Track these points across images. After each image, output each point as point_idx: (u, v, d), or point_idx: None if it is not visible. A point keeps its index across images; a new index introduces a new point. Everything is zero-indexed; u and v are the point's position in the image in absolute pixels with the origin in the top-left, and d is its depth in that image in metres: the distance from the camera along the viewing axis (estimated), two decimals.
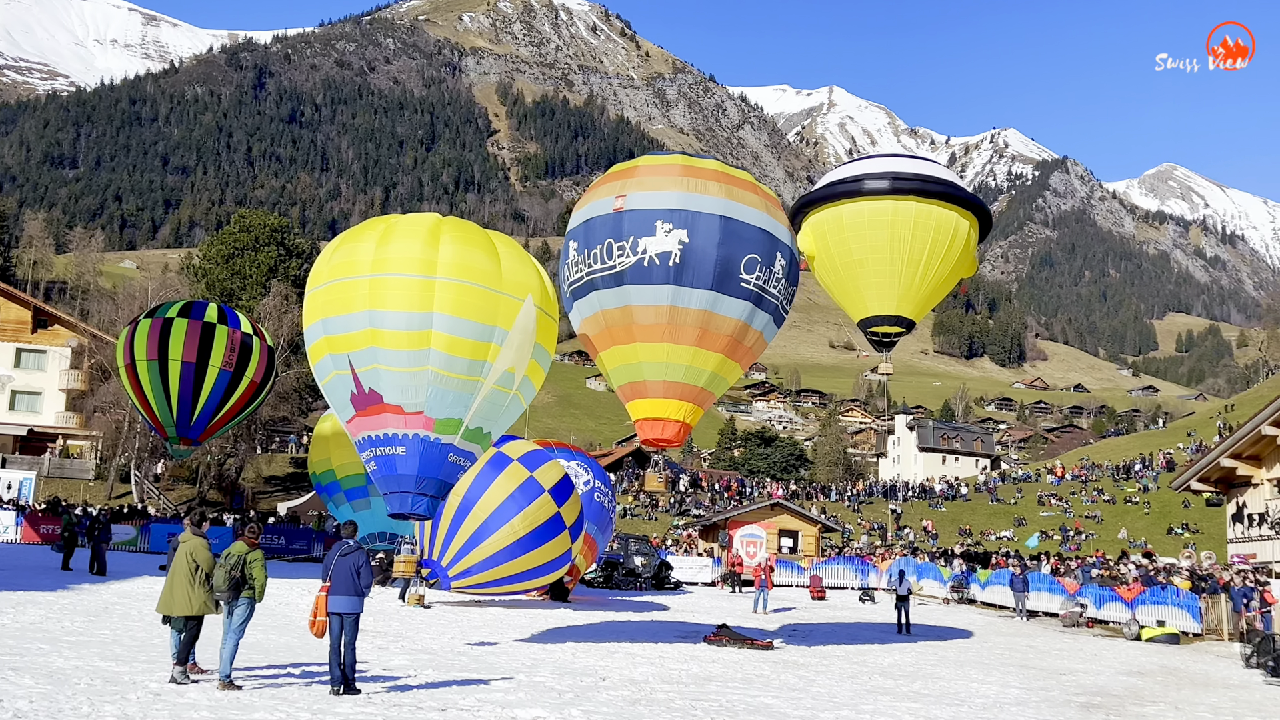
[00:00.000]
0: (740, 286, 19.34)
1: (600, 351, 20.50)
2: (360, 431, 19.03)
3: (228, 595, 13.08)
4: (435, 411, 18.38)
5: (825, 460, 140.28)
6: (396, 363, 18.08)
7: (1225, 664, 25.42)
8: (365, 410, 18.66)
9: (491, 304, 18.52)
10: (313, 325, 19.22)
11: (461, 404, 18.57)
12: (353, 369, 18.41)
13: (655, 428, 19.99)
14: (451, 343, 18.08)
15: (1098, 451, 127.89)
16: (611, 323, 19.68)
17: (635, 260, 19.02)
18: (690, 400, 20.01)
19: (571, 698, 13.86)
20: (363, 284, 18.26)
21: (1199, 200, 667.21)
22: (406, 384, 18.17)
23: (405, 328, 17.96)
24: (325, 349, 18.87)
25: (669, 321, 19.18)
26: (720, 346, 19.69)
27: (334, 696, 12.76)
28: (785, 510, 49.33)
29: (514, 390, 19.38)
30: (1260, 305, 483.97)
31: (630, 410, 20.48)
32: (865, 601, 39.09)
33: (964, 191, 27.39)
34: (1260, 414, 41.49)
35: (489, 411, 19.08)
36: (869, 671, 20.43)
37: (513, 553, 27.01)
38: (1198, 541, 71.95)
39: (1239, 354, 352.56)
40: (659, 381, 19.71)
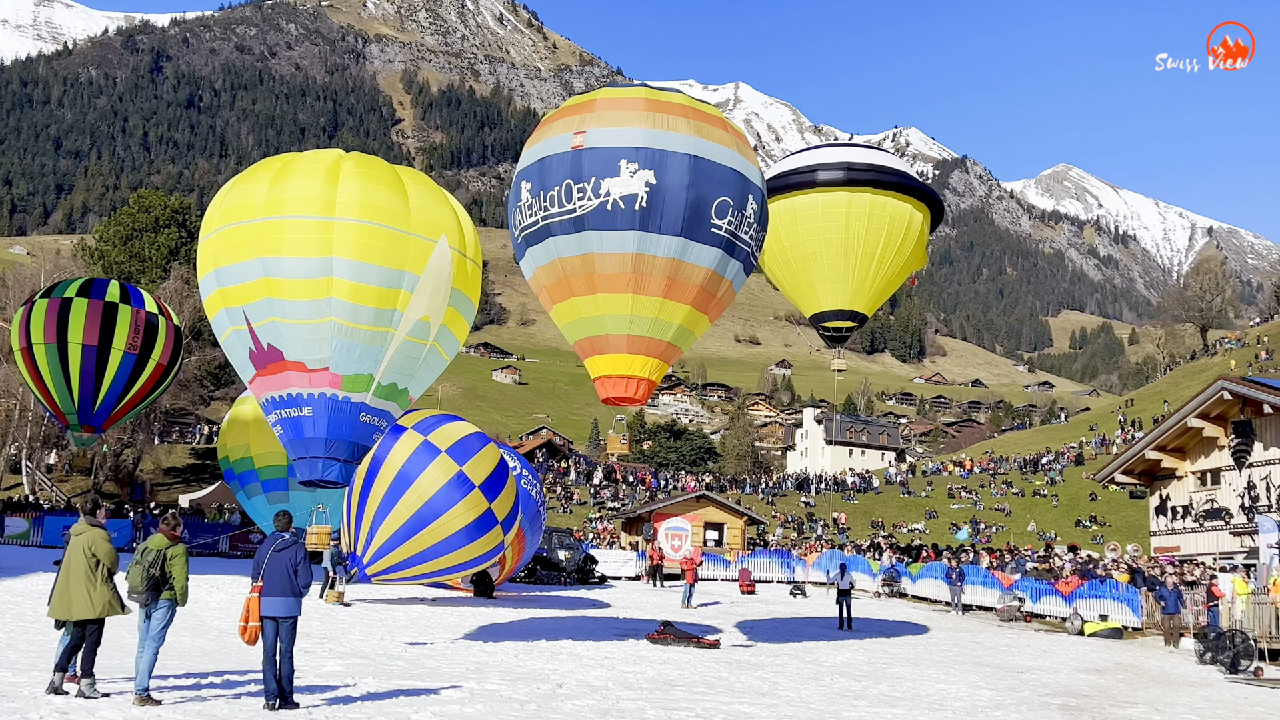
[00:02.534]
0: (711, 232, 17.72)
1: (556, 303, 18.82)
2: (263, 392, 17.19)
3: (145, 597, 11.36)
4: (341, 367, 16.59)
5: (734, 453, 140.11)
6: (295, 315, 16.25)
7: (1178, 660, 24.87)
8: (266, 369, 16.83)
9: (399, 246, 16.71)
10: (206, 277, 17.31)
11: (371, 358, 16.78)
12: (249, 324, 16.59)
13: (618, 385, 18.41)
14: (355, 290, 16.27)
15: (1001, 445, 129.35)
16: (570, 272, 18.01)
17: (597, 203, 17.33)
18: (656, 355, 18.44)
19: (535, 709, 12.45)
20: (255, 228, 16.42)
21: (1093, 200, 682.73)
22: (307, 338, 16.37)
23: (303, 275, 16.16)
24: (220, 303, 16.98)
25: (634, 270, 17.55)
26: (689, 297, 18.10)
27: (269, 712, 11.17)
28: (711, 503, 48.18)
29: (430, 341, 17.55)
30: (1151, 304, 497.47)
31: (590, 367, 18.88)
32: (796, 595, 38.13)
33: (917, 182, 26.53)
34: (1186, 406, 41.50)
35: (404, 366, 17.31)
36: (827, 671, 19.36)
37: (439, 551, 25.23)
38: (1106, 534, 72.71)
39: (1130, 351, 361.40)
40: (622, 335, 18.11)
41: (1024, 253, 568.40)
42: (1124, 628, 29.57)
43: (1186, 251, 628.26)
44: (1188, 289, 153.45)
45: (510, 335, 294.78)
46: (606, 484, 79.30)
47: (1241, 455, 38.37)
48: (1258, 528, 35.83)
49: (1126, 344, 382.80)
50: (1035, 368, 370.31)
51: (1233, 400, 38.22)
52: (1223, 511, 39.46)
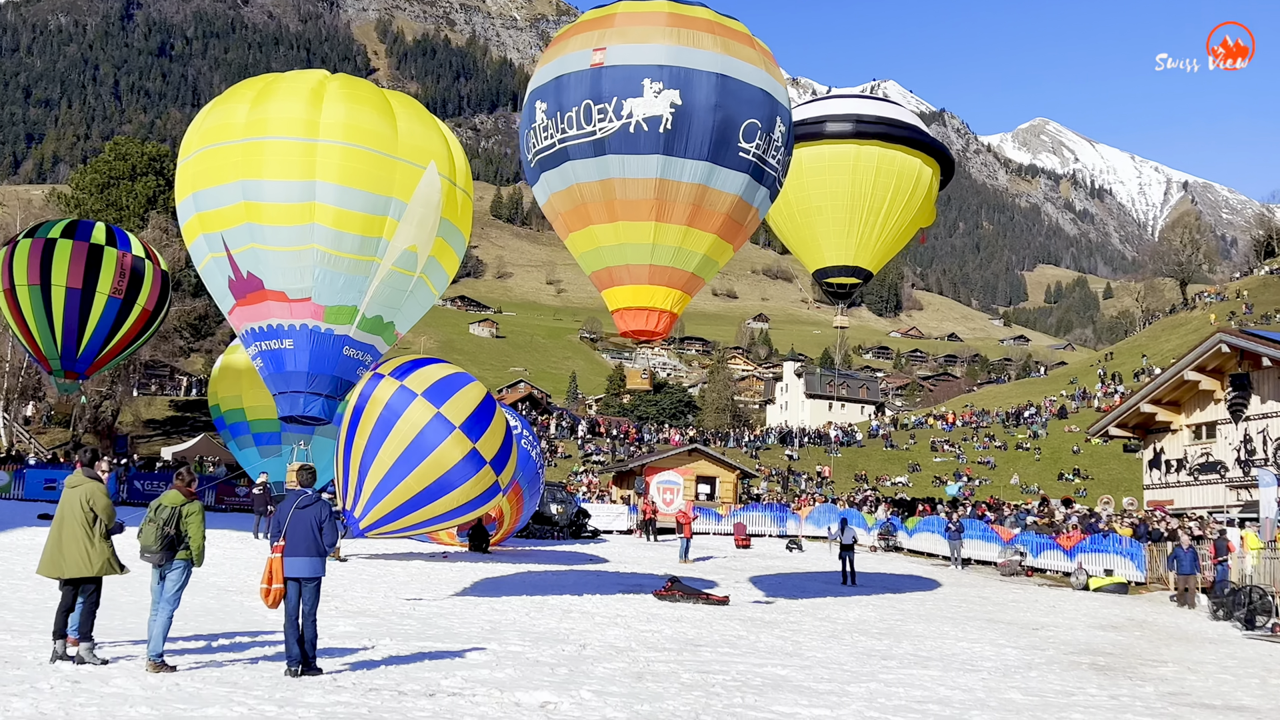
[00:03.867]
0: (739, 156, 16.78)
1: (572, 232, 17.80)
2: (243, 323, 16.44)
3: (159, 557, 10.64)
4: (324, 297, 15.86)
5: (713, 407, 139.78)
6: (276, 241, 15.53)
7: (1190, 616, 24.55)
8: (245, 298, 16.10)
9: (385, 171, 15.97)
10: (184, 201, 16.51)
11: (355, 288, 16.05)
12: (228, 250, 15.83)
13: (638, 318, 17.51)
14: (339, 216, 15.56)
15: (981, 399, 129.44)
16: (588, 198, 16.99)
17: (619, 126, 16.26)
18: (679, 287, 17.50)
19: (566, 674, 11.86)
20: (235, 150, 15.65)
21: (1069, 155, 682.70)
22: (289, 266, 15.63)
23: (284, 200, 15.42)
24: (198, 228, 16.20)
25: (657, 197, 16.57)
26: (715, 226, 17.18)
27: (293, 679, 10.53)
28: (703, 456, 47.67)
29: (418, 273, 16.80)
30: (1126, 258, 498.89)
31: (608, 299, 17.93)
32: (793, 550, 37.73)
33: (928, 136, 25.82)
34: (1183, 359, 41.21)
35: (389, 298, 16.58)
36: (844, 630, 18.90)
37: (430, 496, 24.37)
38: (1088, 487, 72.77)
39: (1106, 305, 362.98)
40: (644, 266, 17.16)
41: (1000, 207, 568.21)
42: (1128, 582, 29.27)
43: (1162, 206, 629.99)
44: (1167, 243, 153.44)
45: (487, 288, 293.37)
46: (590, 437, 78.74)
47: (1238, 408, 38.13)
48: (1256, 481, 35.63)
49: (1101, 298, 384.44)
50: (1011, 322, 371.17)
51: (1231, 353, 37.93)
52: (1218, 465, 39.27)
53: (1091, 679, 14.57)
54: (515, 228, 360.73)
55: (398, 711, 9.23)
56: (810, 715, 10.32)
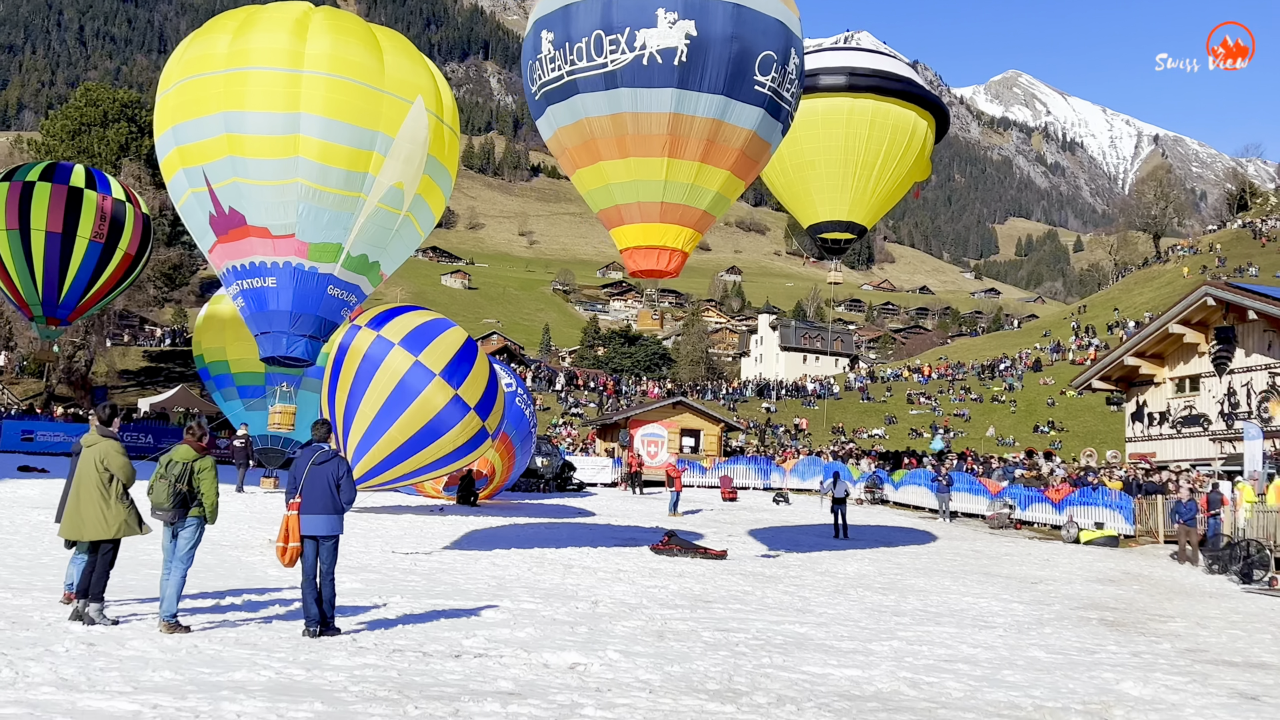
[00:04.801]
0: (754, 90, 16.23)
1: (580, 168, 17.23)
2: (224, 261, 15.98)
3: (171, 514, 10.26)
4: (309, 234, 15.48)
5: (687, 360, 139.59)
6: (259, 175, 15.10)
7: (1185, 570, 24.57)
8: (227, 235, 15.67)
9: (372, 104, 15.54)
10: (163, 135, 16.01)
11: (340, 225, 15.67)
12: (209, 185, 15.39)
13: (649, 257, 17.01)
14: (324, 150, 15.14)
15: (955, 351, 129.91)
16: (598, 133, 16.40)
17: (632, 58, 15.63)
18: (690, 225, 17.05)
19: (587, 633, 11.60)
20: (217, 81, 15.17)
21: (1041, 107, 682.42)
22: (272, 201, 15.23)
23: (267, 132, 14.98)
24: (177, 163, 15.72)
25: (670, 132, 16.02)
26: (729, 162, 16.68)
27: (312, 639, 10.21)
28: (687, 409, 47.45)
29: (404, 211, 16.41)
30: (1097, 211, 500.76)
31: (617, 238, 17.44)
32: (780, 503, 37.64)
33: (923, 90, 25.47)
34: (1168, 312, 41.23)
35: (376, 236, 16.20)
36: (847, 584, 18.76)
37: (417, 445, 23.94)
38: (1063, 439, 73.13)
39: (1076, 258, 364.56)
40: (655, 203, 16.66)
41: (972, 159, 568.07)
42: (1119, 535, 29.32)
43: (1132, 159, 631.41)
44: (1138, 197, 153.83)
45: (459, 239, 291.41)
46: (568, 389, 78.44)
47: (1222, 361, 38.17)
48: (1242, 434, 35.76)
49: (1072, 251, 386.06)
50: (982, 275, 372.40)
51: (1216, 306, 37.93)
52: (1201, 418, 39.37)
53: (1106, 635, 14.46)
54: (487, 178, 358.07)
55: (427, 674, 8.94)
56: (843, 676, 10.10)
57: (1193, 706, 9.39)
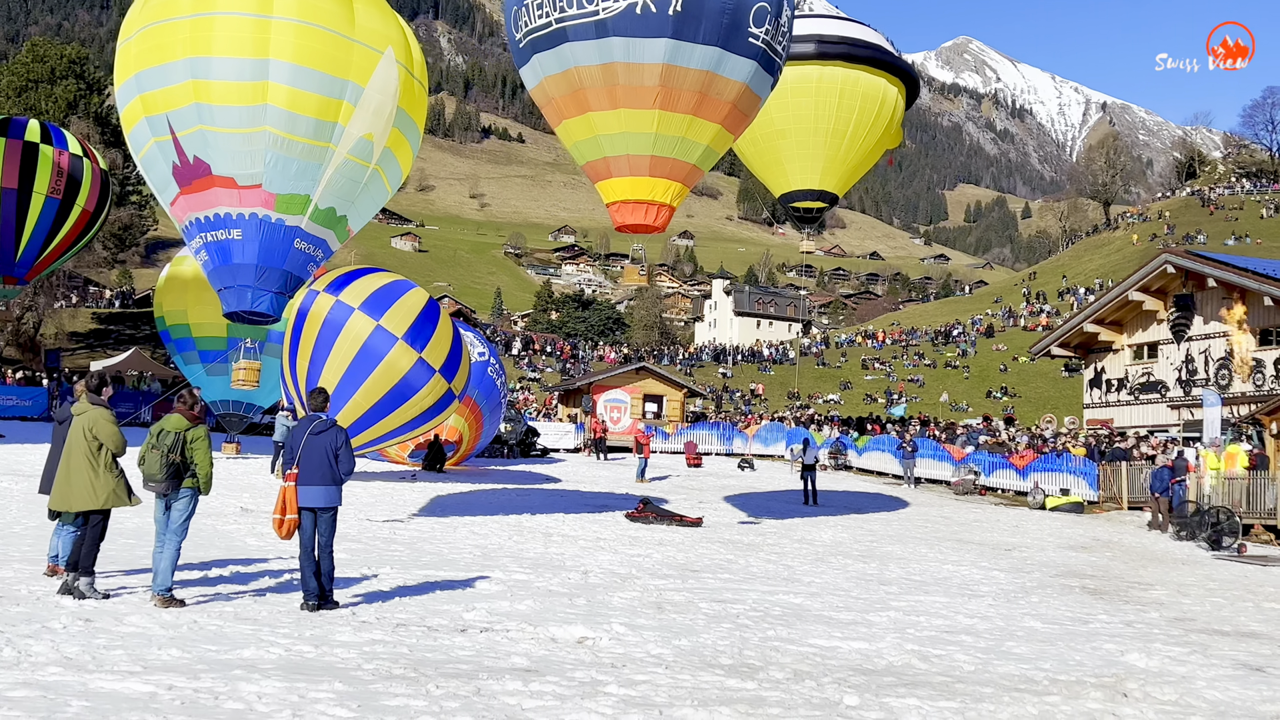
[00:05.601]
0: (748, 43, 15.94)
1: (567, 119, 16.81)
2: (186, 214, 15.56)
3: (164, 486, 9.96)
4: (276, 185, 15.12)
5: (641, 324, 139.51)
6: (226, 122, 14.70)
7: (1154, 536, 24.83)
8: (191, 185, 15.25)
9: (342, 52, 15.20)
10: (125, 84, 15.55)
11: (308, 176, 15.32)
12: (173, 133, 14.95)
13: (636, 211, 16.68)
14: (293, 97, 14.79)
15: (907, 317, 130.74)
16: (588, 83, 15.98)
17: (625, 6, 15.21)
18: (679, 179, 16.77)
19: (585, 605, 11.46)
20: (183, 26, 14.74)
21: (991, 74, 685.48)
22: (239, 150, 14.84)
23: (235, 78, 14.59)
24: (140, 112, 15.25)
25: (662, 84, 15.64)
26: (720, 115, 16.39)
27: (311, 614, 9.98)
28: (650, 374, 47.29)
29: (373, 164, 16.08)
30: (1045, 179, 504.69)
31: (604, 191, 17.08)
32: (745, 469, 37.63)
33: (892, 56, 25.32)
34: (1127, 279, 41.55)
35: (344, 189, 15.86)
36: (827, 552, 18.76)
37: (386, 407, 23.56)
38: (1016, 405, 73.85)
39: (1024, 225, 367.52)
40: (644, 156, 16.31)
41: (923, 125, 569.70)
42: (1084, 502, 29.59)
43: (1080, 126, 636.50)
44: (1091, 164, 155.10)
45: (409, 201, 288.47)
46: (524, 353, 78.08)
47: (1181, 329, 38.53)
48: (1199, 401, 36.19)
49: (1020, 218, 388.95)
50: (931, 240, 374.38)
51: (1175, 274, 38.28)
52: (1159, 385, 39.80)
53: (1093, 604, 14.51)
54: (437, 139, 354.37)
55: (437, 650, 8.75)
56: (851, 649, 10.03)
57: (1203, 679, 9.39)
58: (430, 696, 7.13)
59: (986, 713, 7.72)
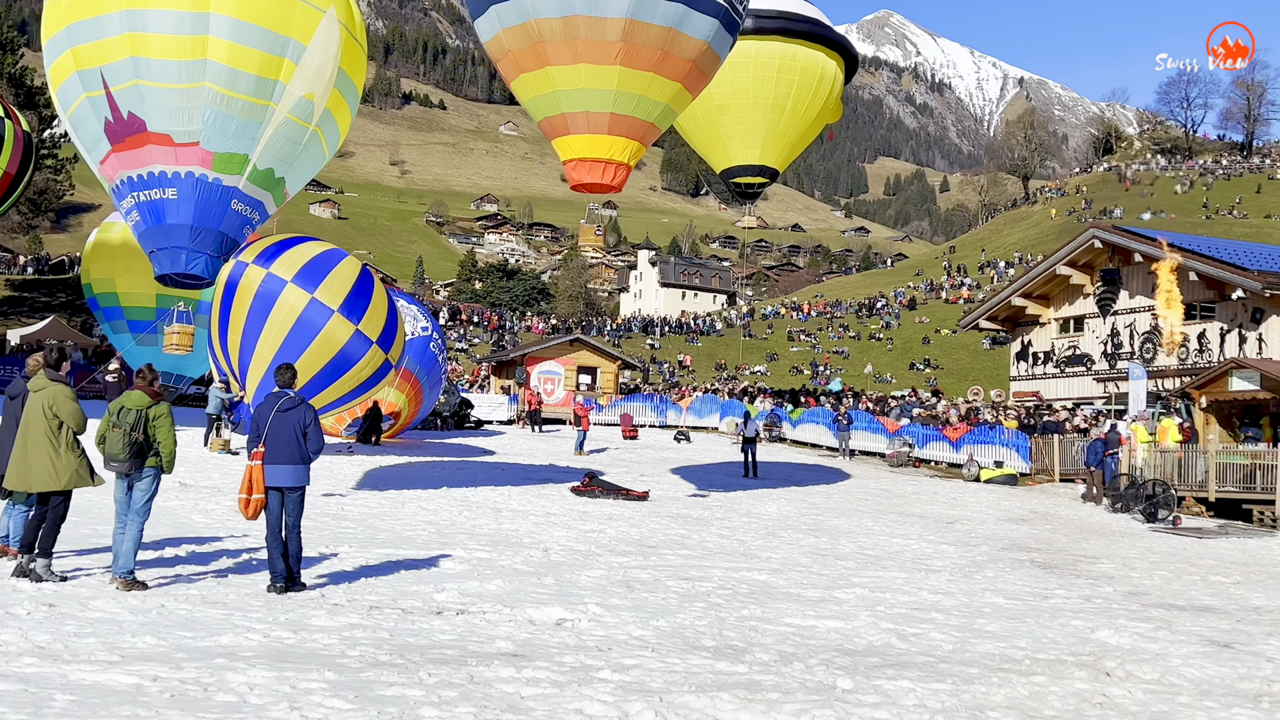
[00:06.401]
0: (713, 0, 15.74)
1: (525, 73, 16.29)
2: (118, 172, 15.03)
3: (127, 465, 9.60)
4: (214, 143, 14.68)
5: (566, 294, 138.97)
6: (164, 77, 14.21)
7: (1089, 509, 25.24)
8: (124, 143, 14.72)
9: (284, 9, 14.81)
10: (55, 37, 14.97)
11: (247, 135, 14.90)
12: (107, 88, 14.44)
13: (594, 170, 16.30)
14: (234, 53, 14.35)
15: (830, 289, 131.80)
16: (547, 36, 15.49)
17: None
18: (637, 137, 16.45)
19: (554, 584, 11.31)
20: None
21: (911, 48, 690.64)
22: (177, 105, 14.35)
23: (174, 31, 14.11)
24: (70, 66, 14.69)
25: (624, 39, 15.26)
26: (681, 74, 16.09)
27: (280, 596, 9.70)
28: (585, 346, 47.03)
29: (313, 125, 15.72)
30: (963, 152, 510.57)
31: (560, 148, 16.66)
32: (681, 441, 37.63)
33: (830, 31, 25.24)
34: (1056, 254, 42.15)
35: (283, 150, 15.48)
36: (775, 526, 18.80)
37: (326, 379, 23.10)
38: (938, 376, 74.83)
39: (942, 198, 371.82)
40: (605, 113, 15.94)
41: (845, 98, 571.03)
42: (1017, 474, 29.99)
43: (998, 101, 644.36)
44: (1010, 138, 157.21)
45: (328, 167, 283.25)
46: (452, 324, 77.35)
47: (1107, 303, 39.18)
48: (1124, 374, 36.88)
49: (938, 191, 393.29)
50: (852, 213, 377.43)
51: (1103, 249, 38.88)
52: (1085, 358, 40.44)
53: (1047, 579, 14.68)
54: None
55: (418, 634, 8.55)
56: (829, 628, 10.00)
57: (1178, 656, 9.50)
58: (425, 685, 6.94)
59: (979, 694, 7.71)
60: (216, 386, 24.36)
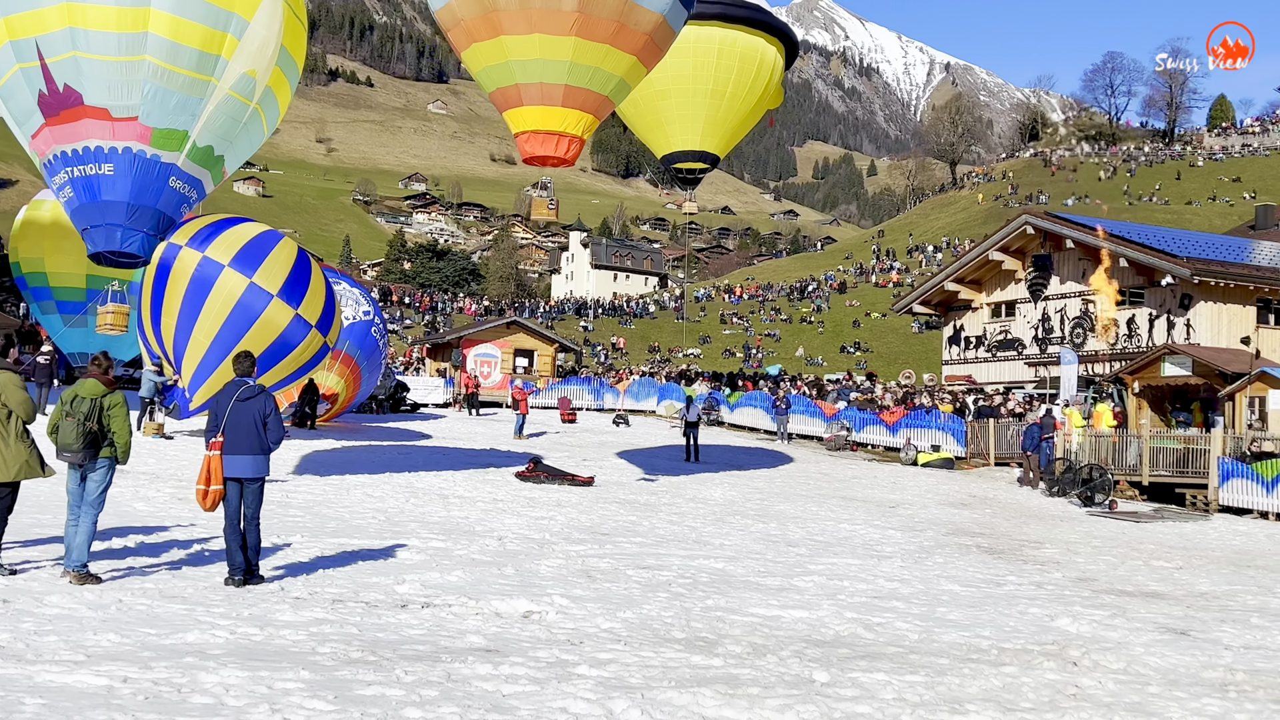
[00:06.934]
0: None
1: (477, 42, 16.03)
2: (51, 146, 14.51)
3: (81, 456, 9.31)
4: (154, 118, 14.24)
5: (497, 275, 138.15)
6: (103, 49, 13.77)
7: (1026, 493, 25.56)
8: (59, 116, 14.21)
9: None
10: None
11: (188, 111, 14.48)
12: (42, 59, 13.92)
13: (546, 142, 16.08)
14: (176, 26, 13.94)
15: (761, 272, 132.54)
16: (501, 5, 15.30)
17: None
18: (591, 110, 16.26)
19: (515, 575, 11.19)
20: None
21: (840, 32, 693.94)
22: (116, 79, 13.93)
23: (114, 3, 13.70)
24: (4, 34, 14.14)
25: (580, 9, 15.10)
26: (637, 46, 15.92)
27: (238, 589, 9.48)
28: (521, 329, 46.75)
29: (254, 103, 15.34)
30: (890, 137, 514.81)
31: (511, 120, 16.41)
32: (620, 425, 37.56)
33: (770, 17, 25.28)
34: (988, 239, 42.67)
35: (224, 127, 15.09)
36: (723, 512, 18.85)
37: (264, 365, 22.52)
38: (868, 359, 75.61)
39: (870, 182, 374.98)
40: (559, 85, 15.73)
41: None
42: (954, 457, 30.33)
43: (925, 86, 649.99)
44: (938, 123, 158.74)
45: None
46: (384, 305, 76.50)
47: (1038, 288, 39.70)
48: (1054, 358, 37.46)
49: (866, 175, 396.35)
50: (781, 196, 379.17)
51: (1035, 234, 39.39)
52: (1016, 342, 40.99)
53: (997, 565, 14.83)
54: None
55: (386, 628, 8.39)
56: (794, 618, 9.99)
57: (1139, 644, 9.62)
58: (403, 684, 6.80)
59: (954, 686, 7.73)
60: (149, 370, 23.84)
